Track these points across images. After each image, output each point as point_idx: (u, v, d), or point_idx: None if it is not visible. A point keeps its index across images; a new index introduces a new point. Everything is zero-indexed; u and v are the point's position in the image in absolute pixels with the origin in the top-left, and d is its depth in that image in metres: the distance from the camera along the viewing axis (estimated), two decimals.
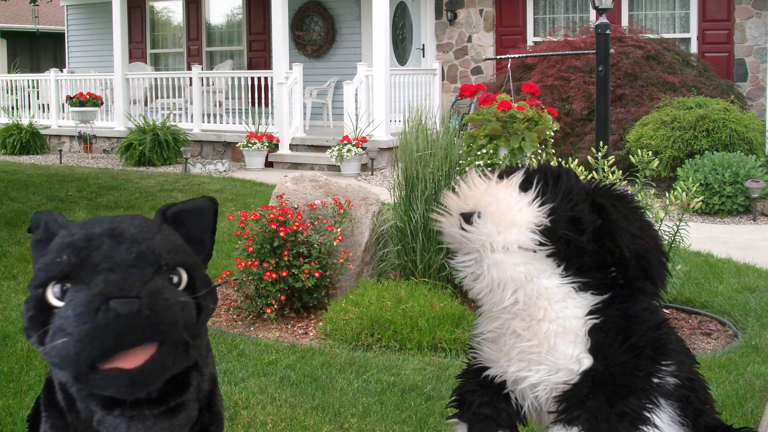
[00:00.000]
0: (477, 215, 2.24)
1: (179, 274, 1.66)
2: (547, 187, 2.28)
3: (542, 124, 5.66)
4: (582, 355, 2.23)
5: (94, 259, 1.60)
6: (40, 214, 1.80)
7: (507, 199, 2.26)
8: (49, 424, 1.79)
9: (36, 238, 1.78)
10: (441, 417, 3.54)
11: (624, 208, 2.32)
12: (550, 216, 2.22)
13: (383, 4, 11.72)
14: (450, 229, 2.31)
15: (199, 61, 16.17)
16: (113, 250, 1.62)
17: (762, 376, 4.03)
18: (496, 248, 2.22)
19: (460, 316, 4.70)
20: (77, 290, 1.57)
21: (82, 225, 1.70)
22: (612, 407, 2.19)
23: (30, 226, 1.82)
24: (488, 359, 2.38)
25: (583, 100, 10.58)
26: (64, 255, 1.62)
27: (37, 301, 1.61)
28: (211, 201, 1.85)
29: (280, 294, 5.07)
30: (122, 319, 1.51)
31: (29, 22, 26.73)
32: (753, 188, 8.37)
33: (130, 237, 1.65)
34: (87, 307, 1.53)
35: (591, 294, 2.28)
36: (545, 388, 2.26)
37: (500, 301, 2.27)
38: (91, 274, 1.58)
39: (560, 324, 2.24)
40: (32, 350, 4.42)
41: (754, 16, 11.85)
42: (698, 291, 5.57)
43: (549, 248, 2.23)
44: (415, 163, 5.53)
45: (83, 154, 14.87)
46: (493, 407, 2.36)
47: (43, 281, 1.61)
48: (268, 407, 3.66)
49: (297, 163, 12.40)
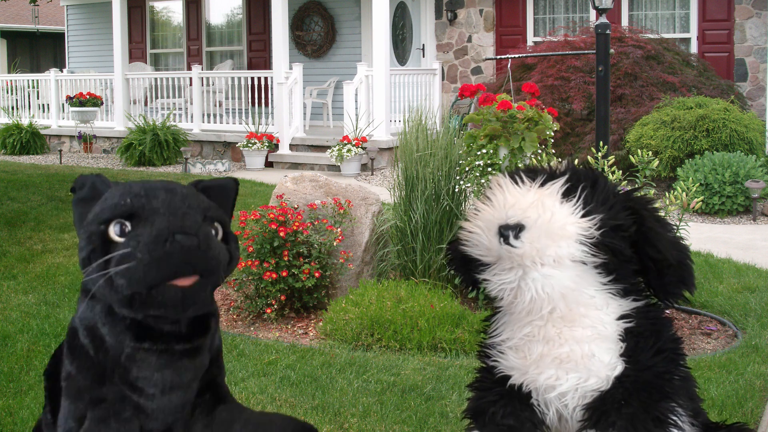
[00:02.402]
0: (519, 228, 2.09)
1: (216, 228, 1.94)
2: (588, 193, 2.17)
3: (542, 124, 5.66)
4: (615, 361, 2.18)
5: (154, 204, 1.86)
6: (86, 176, 2.01)
7: (555, 210, 2.12)
8: (75, 365, 1.95)
9: (80, 196, 1.98)
10: (441, 417, 3.54)
11: (656, 215, 2.27)
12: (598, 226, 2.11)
13: (383, 4, 11.71)
14: (489, 243, 2.15)
15: (199, 61, 16.16)
16: (170, 199, 1.88)
17: (762, 376, 4.03)
18: (547, 262, 2.10)
19: (460, 316, 4.70)
20: (142, 227, 1.82)
21: (135, 182, 1.96)
22: (647, 412, 2.15)
23: (74, 186, 2.01)
24: (511, 367, 2.29)
25: (583, 100, 10.58)
26: (128, 198, 1.87)
27: (100, 235, 1.85)
28: (234, 181, 2.13)
29: (280, 294, 5.07)
30: (184, 250, 1.79)
31: (29, 22, 26.73)
32: (753, 188, 8.37)
33: (181, 192, 1.93)
34: (157, 238, 1.79)
35: (630, 300, 2.22)
36: (574, 396, 2.21)
37: (537, 309, 2.18)
38: (153, 216, 1.83)
39: (595, 330, 2.18)
40: (32, 350, 4.42)
41: (754, 16, 11.85)
42: (698, 291, 5.56)
43: (600, 260, 2.13)
44: (415, 163, 5.53)
45: (83, 154, 14.87)
46: (516, 417, 2.29)
47: (108, 218, 1.86)
48: (268, 407, 3.66)
49: (297, 163, 12.40)
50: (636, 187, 2.36)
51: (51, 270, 6.19)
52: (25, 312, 5.15)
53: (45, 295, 5.53)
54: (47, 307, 5.24)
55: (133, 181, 1.97)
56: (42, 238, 7.24)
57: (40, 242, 7.10)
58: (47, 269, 6.21)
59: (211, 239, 1.86)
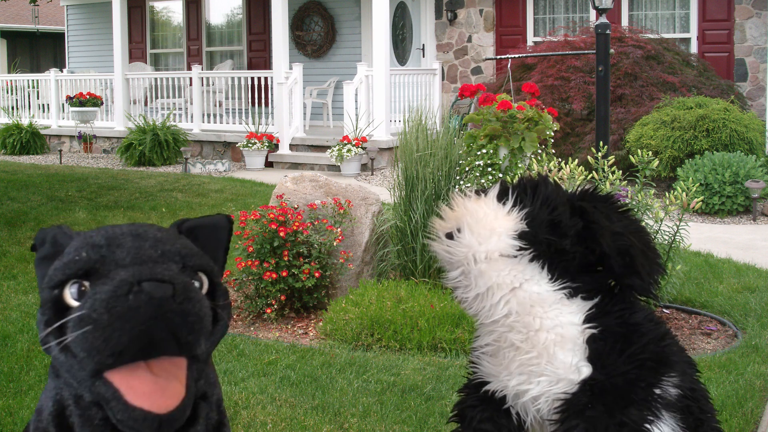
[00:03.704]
0: (457, 230, 2.30)
1: (201, 279, 1.58)
2: (525, 196, 2.32)
3: (542, 124, 5.66)
4: (581, 364, 2.21)
5: (117, 256, 1.51)
6: (45, 229, 1.69)
7: (483, 209, 2.32)
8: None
9: (42, 254, 1.66)
10: (441, 417, 3.54)
11: (607, 210, 2.33)
12: (527, 220, 2.26)
13: (383, 4, 11.72)
14: (437, 248, 2.37)
15: (199, 61, 16.17)
16: (137, 247, 1.53)
17: (762, 376, 4.03)
18: (479, 258, 2.26)
19: (460, 316, 4.70)
20: (100, 284, 1.46)
21: (97, 229, 1.62)
22: (611, 417, 2.16)
23: (34, 243, 1.69)
24: (488, 373, 2.37)
25: (583, 100, 10.58)
26: (84, 252, 1.52)
27: (54, 302, 1.51)
28: (227, 219, 1.79)
29: (280, 294, 5.07)
30: (155, 303, 1.41)
31: (29, 22, 26.73)
32: (753, 188, 8.37)
33: (153, 237, 1.57)
34: (116, 291, 1.42)
35: (582, 299, 2.27)
36: (547, 400, 2.25)
37: (493, 313, 2.28)
38: (115, 269, 1.48)
39: (557, 332, 2.23)
40: (32, 350, 4.42)
41: (754, 16, 11.85)
42: (698, 291, 5.57)
43: (529, 252, 2.25)
44: (415, 163, 5.53)
45: (83, 154, 14.87)
46: (494, 423, 2.36)
47: (61, 280, 1.52)
48: (268, 407, 3.66)
49: (297, 163, 12.40)
50: (591, 187, 2.41)
51: None
52: (25, 312, 5.15)
53: None
54: None
55: (95, 228, 1.63)
56: None
57: None
58: None
59: (192, 289, 1.48)
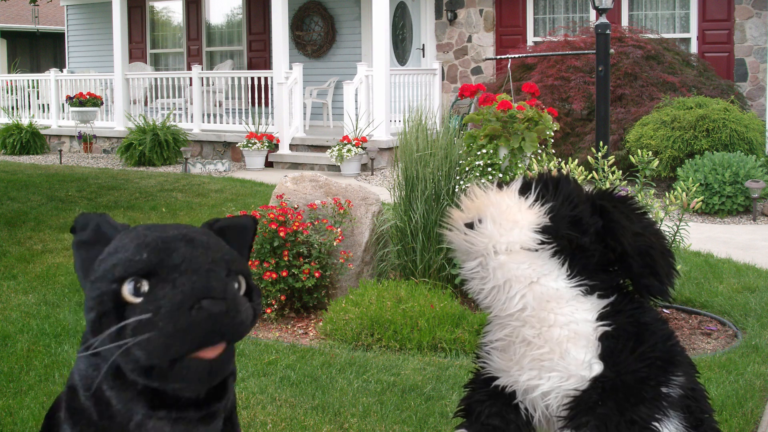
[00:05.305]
0: (478, 221, 2.29)
1: (239, 281, 1.74)
2: (547, 191, 2.32)
3: (542, 124, 5.66)
4: (593, 361, 2.22)
5: (174, 260, 1.66)
6: (88, 215, 1.79)
7: (506, 201, 2.31)
8: (77, 430, 1.77)
9: (82, 238, 1.76)
10: (441, 417, 3.54)
11: (626, 210, 2.34)
12: (550, 214, 2.25)
13: (383, 4, 11.71)
14: (455, 238, 2.36)
15: (199, 61, 16.17)
16: (191, 253, 1.68)
17: (762, 376, 4.03)
18: (500, 250, 2.25)
19: (460, 316, 4.70)
20: (161, 288, 1.62)
21: (147, 228, 1.75)
22: (622, 415, 2.17)
23: (74, 226, 1.78)
24: (497, 368, 2.36)
25: (583, 100, 10.58)
26: (144, 254, 1.66)
27: (113, 296, 1.64)
28: (254, 220, 1.94)
29: (280, 294, 5.07)
30: (212, 319, 1.61)
31: (29, 22, 26.73)
32: (753, 188, 8.37)
33: (202, 243, 1.72)
34: (181, 305, 1.59)
35: (597, 297, 2.27)
36: (557, 396, 2.25)
37: (508, 306, 2.27)
38: (173, 274, 1.64)
39: (571, 329, 2.23)
40: (32, 350, 4.42)
41: (754, 16, 11.85)
42: (698, 291, 5.57)
43: (551, 247, 2.24)
44: (415, 163, 5.53)
45: (83, 154, 14.87)
46: (502, 418, 2.35)
47: (121, 276, 1.65)
48: (268, 407, 3.66)
49: (297, 163, 12.40)
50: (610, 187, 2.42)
51: (51, 270, 6.19)
52: (25, 312, 5.15)
53: (45, 295, 5.53)
54: (47, 307, 5.24)
55: (143, 227, 1.76)
56: (42, 238, 7.24)
57: (40, 242, 7.10)
58: (47, 269, 6.21)
59: (239, 301, 1.68)
